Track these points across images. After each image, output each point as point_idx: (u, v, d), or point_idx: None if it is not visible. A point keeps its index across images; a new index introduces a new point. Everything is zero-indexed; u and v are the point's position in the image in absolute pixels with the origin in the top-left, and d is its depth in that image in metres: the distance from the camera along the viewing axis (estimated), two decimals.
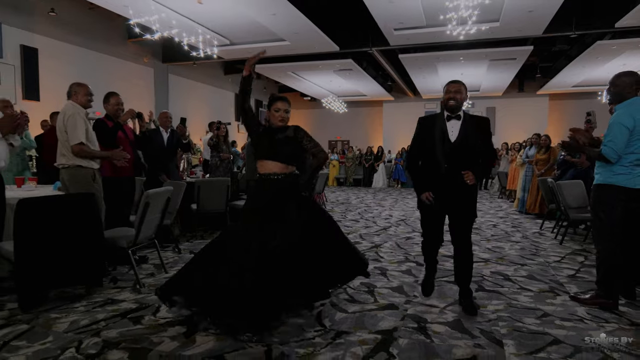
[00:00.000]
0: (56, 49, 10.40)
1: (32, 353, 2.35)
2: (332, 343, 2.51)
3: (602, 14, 10.25)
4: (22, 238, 2.83)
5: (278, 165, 2.83)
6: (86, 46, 11.10)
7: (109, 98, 4.08)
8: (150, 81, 13.13)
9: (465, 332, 2.68)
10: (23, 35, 9.74)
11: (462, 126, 2.93)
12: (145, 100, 12.69)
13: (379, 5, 9.27)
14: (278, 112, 2.87)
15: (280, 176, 2.83)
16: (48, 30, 10.17)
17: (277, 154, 2.83)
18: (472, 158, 2.92)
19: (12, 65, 9.53)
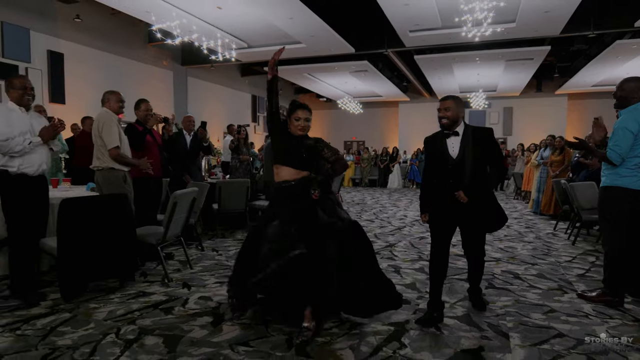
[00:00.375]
0: (81, 53, 10.83)
1: (77, 337, 2.62)
2: (349, 333, 2.73)
3: (620, 13, 10.22)
4: (64, 234, 3.11)
5: (291, 171, 2.81)
6: (109, 50, 11.52)
7: (139, 104, 4.38)
8: (169, 84, 13.52)
9: (473, 325, 2.87)
10: (49, 40, 10.19)
11: (462, 142, 2.90)
12: (164, 103, 13.08)
13: (394, 8, 9.43)
14: (298, 121, 2.81)
15: (292, 182, 2.80)
16: (73, 36, 10.60)
17: (295, 161, 2.81)
18: (477, 171, 2.87)
19: (39, 69, 9.98)
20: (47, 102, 10.17)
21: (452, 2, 8.88)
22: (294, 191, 2.78)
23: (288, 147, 2.83)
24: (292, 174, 2.80)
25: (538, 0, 9.00)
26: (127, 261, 3.48)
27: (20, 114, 3.19)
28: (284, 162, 2.83)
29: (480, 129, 3.01)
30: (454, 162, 2.89)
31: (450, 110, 2.88)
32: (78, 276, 3.22)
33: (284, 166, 2.82)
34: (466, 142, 2.88)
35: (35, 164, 3.20)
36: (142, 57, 12.59)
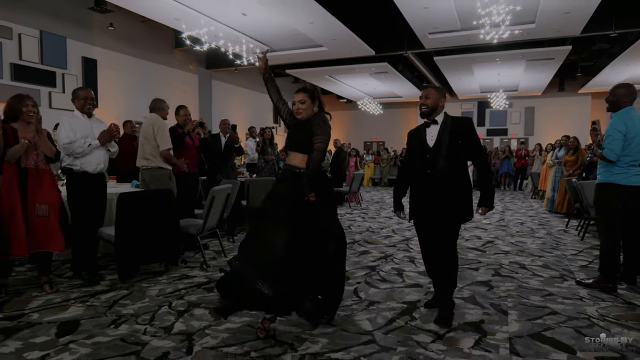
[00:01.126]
0: (112, 59, 11.56)
1: (137, 308, 3.17)
2: (367, 309, 3.20)
3: None
4: (121, 224, 3.67)
5: (299, 157, 2.83)
6: (138, 56, 12.25)
7: (179, 110, 4.96)
8: (195, 87, 14.20)
9: (477, 304, 3.30)
10: (84, 47, 10.94)
11: (439, 130, 2.94)
12: (190, 105, 13.62)
13: (414, 11, 9.83)
14: (294, 105, 2.91)
15: (298, 170, 2.81)
16: (105, 43, 11.34)
17: (298, 145, 2.85)
18: (453, 161, 2.89)
19: (74, 75, 10.74)
20: None
21: (470, 5, 9.22)
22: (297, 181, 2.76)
23: (295, 133, 2.92)
24: (300, 160, 2.83)
25: (557, 2, 9.24)
26: (172, 248, 4.03)
27: (82, 121, 3.76)
28: (292, 148, 2.90)
29: (459, 118, 3.01)
30: (431, 151, 2.93)
31: (430, 98, 2.96)
32: (132, 260, 3.79)
33: (292, 152, 2.88)
34: (442, 131, 2.92)
35: (94, 163, 3.77)
36: (170, 61, 13.29)
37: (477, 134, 3.01)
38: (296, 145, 2.86)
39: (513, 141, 19.43)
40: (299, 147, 2.84)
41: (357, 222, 7.44)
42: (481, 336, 2.72)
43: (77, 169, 3.69)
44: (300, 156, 2.83)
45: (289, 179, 2.84)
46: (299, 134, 2.87)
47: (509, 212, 8.94)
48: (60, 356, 2.43)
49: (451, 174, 2.88)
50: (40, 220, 3.39)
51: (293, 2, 9.10)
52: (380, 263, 4.57)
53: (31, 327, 2.81)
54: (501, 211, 9.04)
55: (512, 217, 7.98)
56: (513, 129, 19.78)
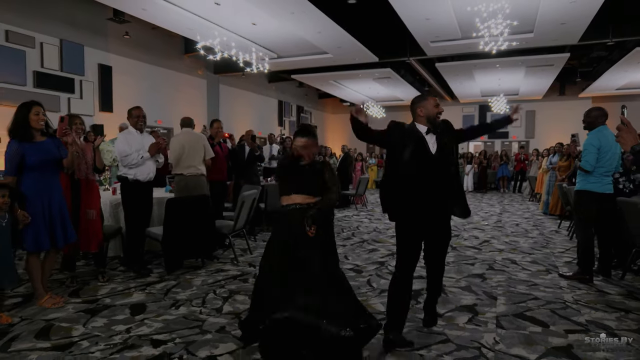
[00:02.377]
0: (126, 65, 12.29)
1: (188, 294, 3.90)
2: (379, 295, 3.93)
3: (639, 19, 10.88)
4: (168, 224, 4.40)
5: (301, 197, 2.87)
6: (150, 62, 12.98)
7: (213, 123, 5.70)
8: (203, 91, 14.94)
9: (472, 292, 4.04)
10: (100, 55, 11.67)
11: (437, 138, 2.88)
12: (198, 108, 14.49)
13: (416, 22, 10.57)
14: (293, 149, 2.96)
15: (304, 206, 2.85)
16: (120, 50, 12.07)
17: (303, 188, 2.88)
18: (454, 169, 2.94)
19: (91, 81, 11.46)
20: (97, 111, 11.65)
21: (470, 17, 9.95)
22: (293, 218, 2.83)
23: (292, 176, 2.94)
24: (301, 199, 2.87)
25: (554, 14, 9.96)
26: (209, 245, 4.76)
27: (135, 136, 4.48)
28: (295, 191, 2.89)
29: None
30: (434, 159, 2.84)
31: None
32: (177, 255, 4.52)
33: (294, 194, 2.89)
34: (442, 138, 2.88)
35: (145, 172, 4.49)
36: (179, 67, 14.02)
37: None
38: (300, 189, 2.87)
39: (514, 144, 20.18)
40: (302, 190, 2.87)
41: (364, 223, 8.17)
42: (474, 315, 3.45)
43: (131, 177, 4.41)
44: (303, 197, 2.86)
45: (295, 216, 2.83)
46: (306, 179, 2.88)
47: (507, 213, 9.69)
48: (140, 328, 3.15)
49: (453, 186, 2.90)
50: (90, 223, 4.09)
51: (302, 13, 9.83)
52: (388, 259, 5.29)
53: (109, 309, 3.54)
54: (499, 213, 9.78)
55: (508, 219, 8.73)
56: (514, 132, 20.53)
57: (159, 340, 2.96)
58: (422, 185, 2.80)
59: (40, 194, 3.55)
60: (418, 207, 2.81)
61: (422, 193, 2.80)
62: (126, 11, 10.01)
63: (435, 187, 2.81)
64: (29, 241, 3.49)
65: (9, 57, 9.64)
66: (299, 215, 2.81)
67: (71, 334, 3.05)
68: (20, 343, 2.91)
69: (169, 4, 9.37)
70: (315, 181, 2.88)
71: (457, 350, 2.85)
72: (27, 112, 3.56)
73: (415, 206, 2.80)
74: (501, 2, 8.44)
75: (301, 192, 2.87)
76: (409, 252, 2.87)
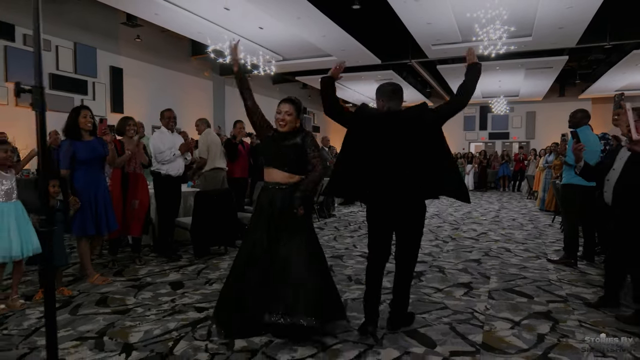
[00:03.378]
0: (136, 68, 12.92)
1: (218, 274, 4.51)
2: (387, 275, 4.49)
3: (635, 24, 11.49)
4: (196, 215, 5.01)
5: (282, 174, 2.87)
6: (158, 64, 13.61)
7: (236, 124, 6.32)
8: (209, 92, 15.58)
9: (468, 273, 4.65)
10: (111, 57, 12.29)
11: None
12: (205, 109, 15.11)
13: (418, 26, 11.20)
14: (279, 114, 2.90)
15: (283, 186, 2.86)
16: (130, 52, 12.70)
17: (282, 163, 2.86)
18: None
19: (103, 83, 12.08)
20: (109, 112, 12.26)
21: (470, 22, 10.58)
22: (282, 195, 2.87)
23: (276, 148, 2.91)
24: (284, 177, 2.88)
25: (551, 18, 10.57)
26: (232, 234, 5.38)
27: (168, 135, 5.10)
28: (273, 164, 2.91)
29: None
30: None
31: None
32: (204, 242, 5.13)
33: (274, 169, 2.90)
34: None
35: (176, 168, 5.11)
36: (186, 69, 14.65)
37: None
38: (280, 163, 2.87)
39: (515, 145, 20.81)
40: (283, 164, 2.86)
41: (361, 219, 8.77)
42: (469, 290, 4.07)
43: (164, 172, 5.03)
44: (282, 174, 2.86)
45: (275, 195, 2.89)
46: (285, 151, 2.87)
47: (505, 210, 10.34)
48: (182, 299, 3.77)
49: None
50: (132, 212, 4.72)
51: (308, 18, 10.46)
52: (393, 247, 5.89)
53: (151, 285, 4.15)
54: (497, 209, 10.42)
55: (506, 215, 9.37)
56: (515, 133, 21.17)
57: (201, 307, 3.58)
58: (378, 167, 2.78)
59: (88, 186, 4.17)
60: (372, 191, 2.83)
61: (378, 176, 2.78)
62: (139, 16, 10.62)
63: (393, 171, 2.75)
64: (76, 227, 4.11)
65: (27, 60, 10.25)
66: (280, 196, 2.85)
67: (125, 303, 3.67)
68: (85, 309, 3.52)
69: (181, 9, 10.00)
70: (297, 157, 2.86)
71: (453, 314, 3.46)
72: (77, 116, 4.19)
73: (369, 189, 2.83)
74: (499, 9, 9.07)
75: (281, 167, 2.85)
76: (371, 238, 3.00)
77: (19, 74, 10.02)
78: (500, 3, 9.10)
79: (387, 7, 9.75)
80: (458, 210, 10.30)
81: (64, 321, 3.25)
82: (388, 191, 2.80)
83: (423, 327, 3.17)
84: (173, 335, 3.01)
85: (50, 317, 1.64)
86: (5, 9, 9.59)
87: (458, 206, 10.98)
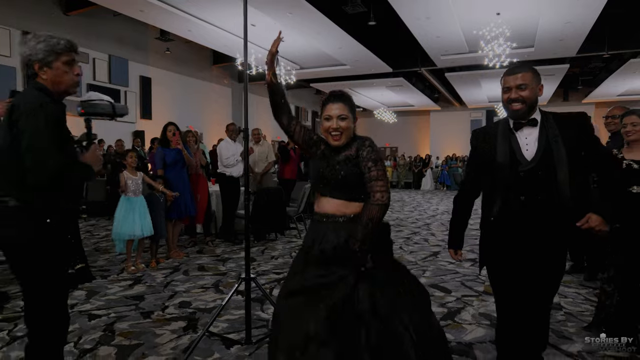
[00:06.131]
0: (163, 77, 14.53)
1: (278, 253, 6.05)
2: (411, 254, 6.06)
3: (632, 34, 12.94)
4: (255, 206, 6.56)
5: (333, 202, 2.08)
6: (183, 73, 15.21)
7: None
8: (228, 98, 17.17)
9: (474, 252, 6.17)
10: (141, 68, 13.88)
11: (540, 134, 2.18)
12: (224, 115, 16.71)
13: (428, 40, 12.77)
14: (329, 121, 2.07)
15: (339, 219, 2.05)
16: (158, 62, 14.30)
17: (332, 186, 2.08)
18: (572, 181, 2.12)
19: (134, 92, 13.66)
20: (139, 119, 13.83)
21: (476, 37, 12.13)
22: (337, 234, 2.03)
23: (326, 166, 2.12)
24: (336, 207, 2.08)
25: (551, 32, 12.10)
26: (282, 224, 6.93)
27: (231, 144, 6.65)
28: (321, 191, 2.14)
29: (569, 115, 2.27)
30: (528, 166, 2.17)
31: (528, 89, 2.16)
32: (261, 229, 6.67)
33: (322, 197, 2.13)
34: (548, 135, 2.16)
35: (237, 171, 6.65)
36: (207, 77, 16.26)
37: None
38: (336, 189, 2.08)
39: None
40: (339, 190, 2.07)
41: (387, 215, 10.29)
42: (474, 263, 5.60)
43: (228, 174, 6.57)
44: (339, 203, 2.07)
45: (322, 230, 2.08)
46: (338, 169, 2.06)
47: None
48: (261, 267, 5.30)
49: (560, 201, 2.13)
50: (199, 204, 6.26)
51: (327, 33, 12.05)
52: (411, 236, 7.45)
53: (231, 259, 5.69)
54: None
55: None
56: None
57: (277, 272, 5.11)
58: (506, 203, 2.23)
59: (176, 182, 5.70)
60: (496, 230, 2.32)
61: (507, 214, 2.23)
62: (174, 32, 12.22)
63: (522, 207, 2.19)
64: (172, 213, 5.65)
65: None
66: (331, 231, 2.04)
67: (219, 269, 5.20)
68: (192, 272, 5.04)
69: (212, 26, 11.59)
70: (353, 176, 2.04)
71: (462, 276, 5.01)
72: (165, 129, 5.74)
73: (492, 228, 2.34)
74: (502, 28, 10.63)
75: (337, 195, 2.07)
76: (501, 295, 2.37)
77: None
78: (503, 22, 10.68)
79: (400, 22, 11.29)
80: None
81: (184, 278, 4.79)
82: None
83: (442, 282, 4.71)
84: (266, 286, 4.56)
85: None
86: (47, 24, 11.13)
87: None
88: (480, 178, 2.41)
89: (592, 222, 2.14)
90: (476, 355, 3.00)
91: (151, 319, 3.60)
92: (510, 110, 2.23)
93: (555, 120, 2.22)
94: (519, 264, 2.25)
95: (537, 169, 2.17)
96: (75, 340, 3.16)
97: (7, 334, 3.28)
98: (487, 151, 2.31)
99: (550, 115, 2.25)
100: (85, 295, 4.18)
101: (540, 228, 2.19)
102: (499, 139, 2.27)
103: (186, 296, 4.20)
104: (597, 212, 2.15)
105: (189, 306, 3.92)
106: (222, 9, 10.44)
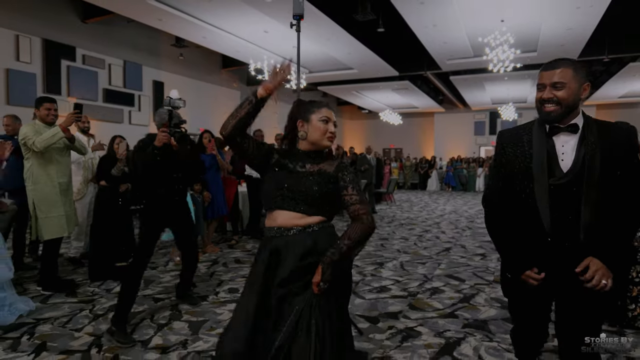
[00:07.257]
0: (174, 80, 15.16)
1: None
2: (425, 249, 6.71)
3: (630, 38, 13.64)
4: None
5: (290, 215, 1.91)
6: (194, 77, 15.87)
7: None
8: (237, 101, 17.73)
9: (483, 248, 6.83)
10: (154, 72, 14.53)
11: (580, 143, 1.90)
12: None
13: (435, 46, 13.45)
14: (327, 123, 2.02)
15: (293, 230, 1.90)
16: (170, 67, 14.96)
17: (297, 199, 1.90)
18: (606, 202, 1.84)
19: (147, 96, 14.31)
20: (150, 122, 14.48)
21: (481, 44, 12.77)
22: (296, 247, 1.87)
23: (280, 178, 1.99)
24: (290, 219, 1.91)
25: (553, 38, 12.80)
26: None
27: None
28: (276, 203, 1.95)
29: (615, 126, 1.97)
30: (562, 180, 1.88)
31: (565, 88, 1.88)
32: None
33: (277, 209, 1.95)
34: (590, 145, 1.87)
35: None
36: (217, 80, 16.91)
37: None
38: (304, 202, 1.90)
39: None
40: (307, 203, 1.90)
41: (398, 214, 11.02)
42: (483, 257, 6.26)
43: (255, 176, 7.21)
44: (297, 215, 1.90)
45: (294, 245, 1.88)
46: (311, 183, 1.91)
47: None
48: None
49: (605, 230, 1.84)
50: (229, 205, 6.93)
51: (336, 39, 12.72)
52: (424, 234, 8.11)
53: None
54: None
55: None
56: None
57: None
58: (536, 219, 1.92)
59: (211, 185, 6.36)
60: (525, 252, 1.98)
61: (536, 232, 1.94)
62: (189, 39, 12.88)
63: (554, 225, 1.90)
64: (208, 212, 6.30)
65: (85, 77, 12.47)
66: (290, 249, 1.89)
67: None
68: (230, 265, 5.69)
69: (226, 33, 12.25)
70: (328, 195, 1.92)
71: (474, 269, 5.67)
72: (201, 136, 6.39)
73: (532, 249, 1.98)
74: (507, 35, 11.29)
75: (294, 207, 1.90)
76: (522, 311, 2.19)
77: (79, 90, 12.23)
78: (507, 29, 11.34)
79: (407, 29, 11.95)
80: (472, 207, 12.51)
81: (225, 269, 5.44)
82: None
83: (456, 273, 5.37)
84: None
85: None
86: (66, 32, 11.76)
87: (472, 205, 13.18)
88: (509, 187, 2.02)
89: (592, 271, 1.78)
90: (490, 329, 3.64)
91: (208, 302, 4.24)
92: (543, 112, 1.94)
93: (598, 129, 1.91)
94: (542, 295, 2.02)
95: (571, 184, 1.86)
96: (151, 317, 3.81)
97: (89, 312, 3.93)
98: (517, 156, 2.01)
99: (593, 122, 1.95)
100: (143, 284, 4.83)
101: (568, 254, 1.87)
102: (534, 145, 1.97)
103: (232, 284, 4.85)
104: (601, 256, 1.80)
105: (238, 292, 4.57)
106: (236, 17, 11.10)
